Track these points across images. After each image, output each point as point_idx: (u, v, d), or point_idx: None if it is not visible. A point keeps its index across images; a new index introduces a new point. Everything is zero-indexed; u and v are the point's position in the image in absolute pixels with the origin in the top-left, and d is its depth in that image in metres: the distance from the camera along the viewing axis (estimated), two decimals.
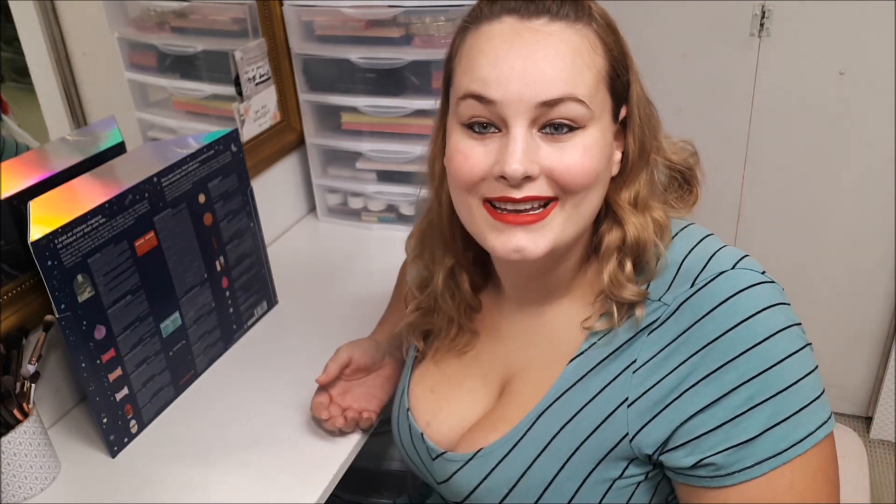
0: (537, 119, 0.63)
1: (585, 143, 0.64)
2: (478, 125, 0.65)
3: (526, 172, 0.62)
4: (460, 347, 0.83)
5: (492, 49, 0.64)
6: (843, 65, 1.71)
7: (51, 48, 1.02)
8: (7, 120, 0.99)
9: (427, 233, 0.81)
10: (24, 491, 0.90)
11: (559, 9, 0.64)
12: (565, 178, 0.64)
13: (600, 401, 0.68)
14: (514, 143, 0.63)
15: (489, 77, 0.63)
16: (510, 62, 0.63)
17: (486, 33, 0.65)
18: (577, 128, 0.64)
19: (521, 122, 0.63)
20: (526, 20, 0.64)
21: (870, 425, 2.03)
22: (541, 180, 0.64)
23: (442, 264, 0.80)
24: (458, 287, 0.81)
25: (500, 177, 0.64)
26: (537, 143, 0.64)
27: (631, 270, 0.68)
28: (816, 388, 0.63)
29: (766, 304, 0.63)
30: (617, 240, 0.69)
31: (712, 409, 0.62)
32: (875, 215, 1.83)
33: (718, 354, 0.62)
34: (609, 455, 0.67)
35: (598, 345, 0.69)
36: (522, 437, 0.72)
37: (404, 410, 0.84)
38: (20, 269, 0.94)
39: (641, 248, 0.68)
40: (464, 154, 0.66)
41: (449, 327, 0.83)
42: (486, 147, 0.65)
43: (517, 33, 0.64)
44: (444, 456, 0.78)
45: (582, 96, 0.63)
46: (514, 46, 0.63)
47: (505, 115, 0.63)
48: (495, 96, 0.63)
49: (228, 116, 1.33)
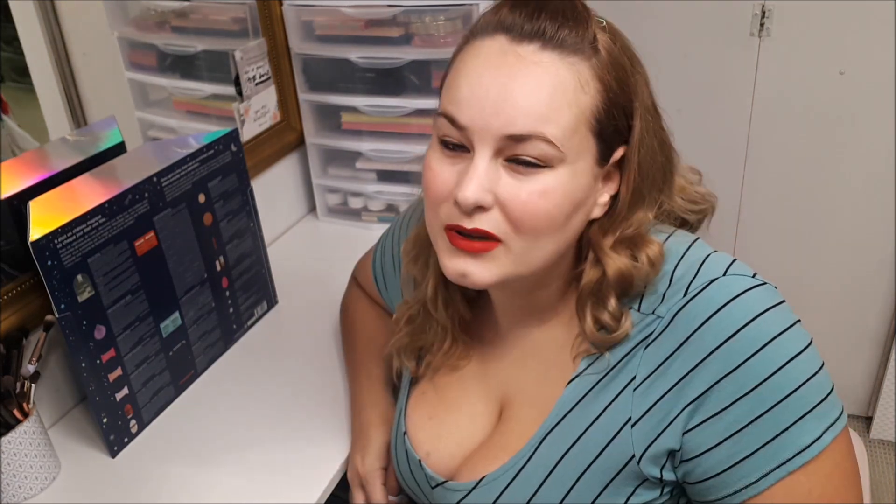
0: (503, 150, 0.62)
1: (547, 184, 0.62)
2: (450, 143, 0.65)
3: (477, 202, 0.61)
4: (454, 361, 0.81)
5: (473, 69, 0.63)
6: (843, 65, 1.71)
7: (51, 48, 1.02)
8: (7, 120, 0.99)
9: (422, 237, 0.80)
10: (24, 491, 0.90)
11: (555, 33, 0.61)
12: (517, 214, 0.62)
13: (604, 422, 0.66)
14: (474, 170, 0.62)
15: (462, 100, 0.62)
16: (485, 88, 0.61)
17: (476, 50, 0.64)
18: (542, 166, 0.62)
19: (485, 151, 0.62)
20: (516, 43, 0.62)
21: (870, 425, 2.03)
22: (494, 213, 0.62)
23: (434, 271, 0.78)
24: (451, 296, 0.79)
25: (454, 202, 0.63)
26: (499, 173, 0.62)
27: (615, 307, 0.66)
28: (822, 390, 0.61)
29: (760, 309, 0.61)
30: (595, 280, 0.67)
31: (713, 424, 0.61)
32: (875, 215, 1.83)
33: (716, 367, 0.61)
34: (616, 478, 0.66)
35: (596, 364, 0.68)
36: (526, 463, 0.70)
37: (401, 435, 0.82)
38: (20, 269, 0.94)
39: (627, 284, 0.66)
40: (434, 171, 0.66)
41: (442, 338, 0.81)
42: (454, 167, 0.64)
43: (502, 56, 0.61)
44: (445, 485, 0.76)
45: (552, 136, 0.60)
46: (494, 71, 0.61)
47: (472, 140, 0.62)
48: (464, 122, 0.62)
49: (228, 116, 1.33)
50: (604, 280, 0.66)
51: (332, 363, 1.10)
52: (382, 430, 0.89)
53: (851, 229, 1.87)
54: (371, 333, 1.01)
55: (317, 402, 1.02)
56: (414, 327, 0.83)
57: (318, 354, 1.12)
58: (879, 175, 1.78)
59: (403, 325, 0.84)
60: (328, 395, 1.03)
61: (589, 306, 0.68)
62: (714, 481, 0.63)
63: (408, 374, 0.85)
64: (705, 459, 0.62)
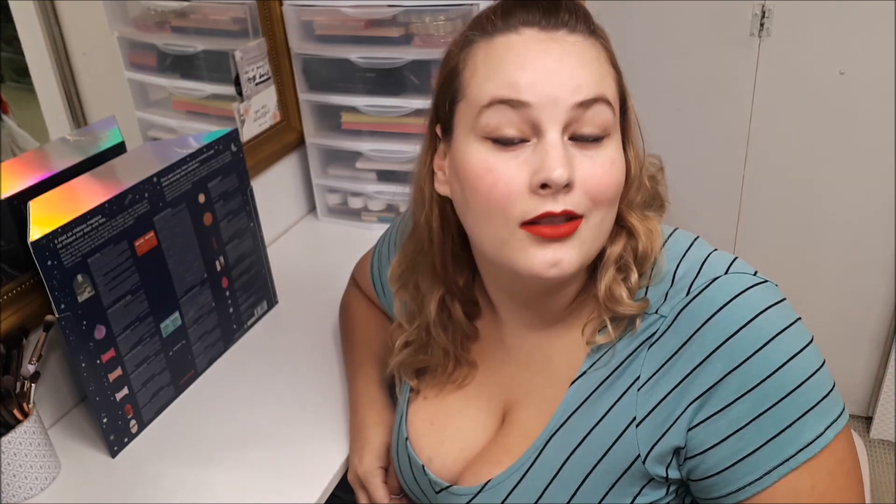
0: (570, 125, 0.62)
1: (611, 154, 0.64)
2: (505, 137, 0.62)
3: (569, 178, 0.60)
4: (459, 382, 0.80)
5: (518, 55, 0.63)
6: (843, 65, 1.71)
7: (51, 48, 1.02)
8: (7, 120, 0.99)
9: (414, 262, 0.78)
10: (24, 491, 0.90)
11: (575, 24, 0.64)
12: (598, 188, 0.62)
13: (608, 422, 0.66)
14: (555, 148, 0.60)
15: (520, 81, 0.61)
16: (542, 64, 0.62)
17: (505, 43, 0.64)
18: (603, 137, 0.63)
19: (555, 127, 0.61)
20: (547, 32, 0.63)
21: (870, 425, 2.03)
22: (576, 192, 0.62)
23: (432, 294, 0.76)
24: (450, 317, 0.78)
25: (541, 186, 0.60)
26: (571, 152, 0.62)
27: (636, 282, 0.67)
28: (823, 387, 0.62)
29: (762, 306, 0.62)
30: (619, 249, 0.68)
31: (716, 422, 0.62)
32: (875, 215, 1.83)
33: (718, 365, 0.61)
34: (622, 477, 0.66)
35: (599, 364, 0.68)
36: (532, 466, 0.70)
37: (403, 440, 0.81)
38: (20, 269, 0.94)
39: (645, 257, 0.67)
40: (495, 171, 0.62)
41: (445, 362, 0.79)
42: (518, 159, 0.62)
43: (541, 42, 0.63)
44: (449, 490, 0.75)
45: (611, 99, 0.63)
46: (542, 53, 0.62)
47: (538, 119, 0.61)
48: (529, 98, 0.61)
49: (228, 116, 1.33)
50: (634, 250, 0.67)
51: (331, 363, 1.10)
52: (380, 431, 0.89)
53: (851, 229, 1.87)
54: (369, 334, 1.01)
55: (317, 402, 1.02)
56: (414, 349, 0.82)
57: (318, 354, 1.12)
58: (879, 175, 1.78)
59: (401, 349, 0.83)
60: (328, 395, 1.03)
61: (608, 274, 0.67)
62: (718, 478, 0.63)
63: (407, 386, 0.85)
64: (709, 456, 0.63)
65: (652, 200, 0.74)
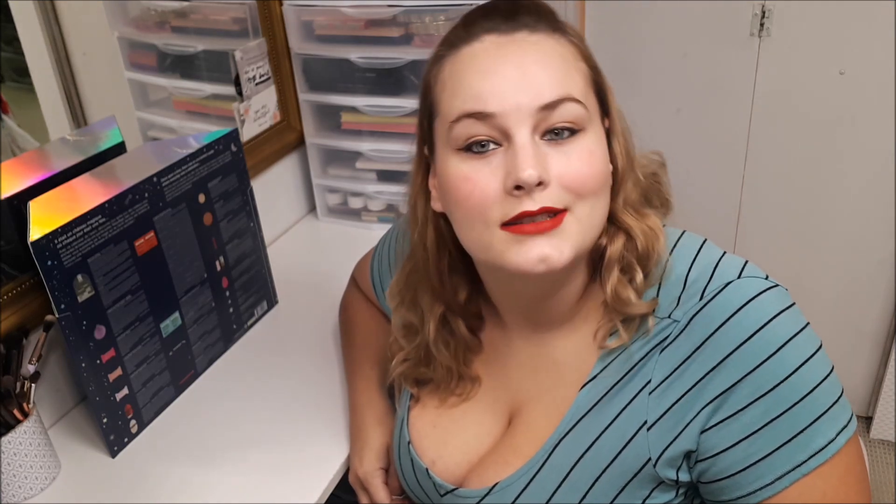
0: (538, 125, 0.62)
1: (588, 146, 0.63)
2: (476, 145, 0.63)
3: (540, 177, 0.61)
4: (463, 395, 0.79)
5: (480, 63, 0.63)
6: (843, 65, 1.71)
7: (51, 48, 1.02)
8: (7, 120, 0.99)
9: (411, 279, 0.78)
10: (24, 491, 0.90)
11: (536, 24, 0.64)
12: (577, 182, 0.62)
13: (619, 425, 0.66)
14: (523, 150, 0.61)
15: (482, 91, 0.62)
16: (502, 72, 0.62)
17: (468, 54, 0.64)
18: (577, 130, 0.63)
19: (523, 130, 0.62)
20: (507, 35, 0.64)
21: (870, 425, 2.03)
22: (553, 188, 0.62)
23: (432, 312, 0.76)
24: (452, 334, 0.77)
25: (514, 187, 0.61)
26: (543, 150, 0.62)
27: (641, 282, 0.67)
28: (833, 393, 0.62)
29: (775, 311, 0.62)
30: (619, 250, 0.68)
31: (728, 426, 0.62)
32: (875, 215, 1.83)
33: (732, 370, 0.61)
34: (632, 481, 0.66)
35: (611, 367, 0.68)
36: (540, 469, 0.69)
37: (405, 443, 0.81)
38: (20, 269, 0.95)
39: (646, 256, 0.67)
40: (470, 179, 0.63)
41: (448, 378, 0.79)
42: (490, 166, 0.63)
43: (502, 47, 0.63)
44: (455, 493, 0.75)
45: (578, 96, 0.63)
46: (502, 59, 0.62)
47: (505, 126, 0.62)
48: (493, 109, 0.62)
49: (228, 116, 1.33)
50: (634, 248, 0.67)
51: (331, 363, 1.10)
52: (380, 431, 0.89)
53: (851, 229, 1.87)
54: (369, 334, 1.01)
55: (317, 402, 1.02)
56: (414, 363, 0.81)
57: (318, 354, 1.12)
58: (879, 175, 1.78)
59: (401, 362, 0.82)
60: (328, 395, 1.03)
61: (613, 276, 0.67)
62: (729, 482, 0.63)
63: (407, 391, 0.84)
64: (721, 459, 0.62)
65: (653, 197, 0.74)
